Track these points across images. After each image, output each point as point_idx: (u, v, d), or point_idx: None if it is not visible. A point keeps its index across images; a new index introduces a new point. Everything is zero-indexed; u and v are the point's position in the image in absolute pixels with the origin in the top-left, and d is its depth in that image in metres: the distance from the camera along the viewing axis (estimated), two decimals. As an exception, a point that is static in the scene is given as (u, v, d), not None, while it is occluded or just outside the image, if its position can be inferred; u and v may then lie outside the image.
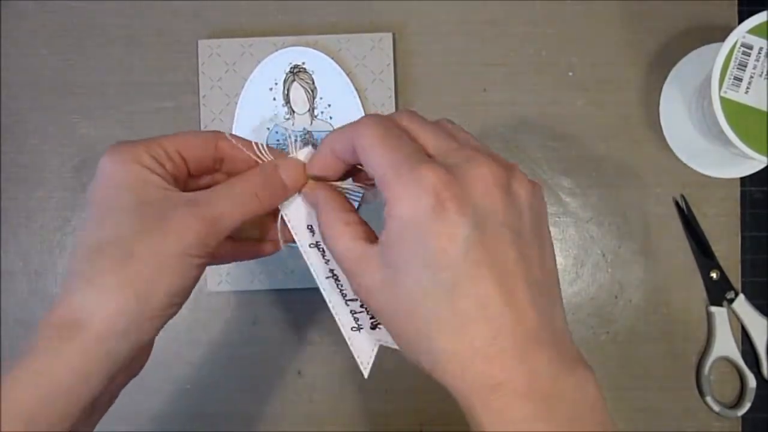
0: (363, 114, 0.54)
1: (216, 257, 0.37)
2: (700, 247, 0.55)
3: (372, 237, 0.33)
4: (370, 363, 0.38)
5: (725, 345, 0.54)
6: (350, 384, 0.55)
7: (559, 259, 0.56)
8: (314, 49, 0.55)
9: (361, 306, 0.37)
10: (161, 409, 0.56)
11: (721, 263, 0.55)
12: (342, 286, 0.38)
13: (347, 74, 0.55)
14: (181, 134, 0.36)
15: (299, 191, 0.37)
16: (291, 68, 0.55)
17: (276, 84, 0.55)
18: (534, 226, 0.32)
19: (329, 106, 0.55)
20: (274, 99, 0.55)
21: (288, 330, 0.56)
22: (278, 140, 0.55)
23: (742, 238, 0.55)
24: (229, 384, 0.56)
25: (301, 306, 0.56)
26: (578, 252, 0.56)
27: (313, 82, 0.55)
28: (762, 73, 0.47)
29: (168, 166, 0.35)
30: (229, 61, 0.55)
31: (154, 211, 0.33)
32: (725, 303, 0.55)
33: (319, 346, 0.56)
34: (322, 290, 0.38)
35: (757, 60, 0.47)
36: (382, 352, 0.52)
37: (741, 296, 0.55)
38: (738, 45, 0.47)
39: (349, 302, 0.38)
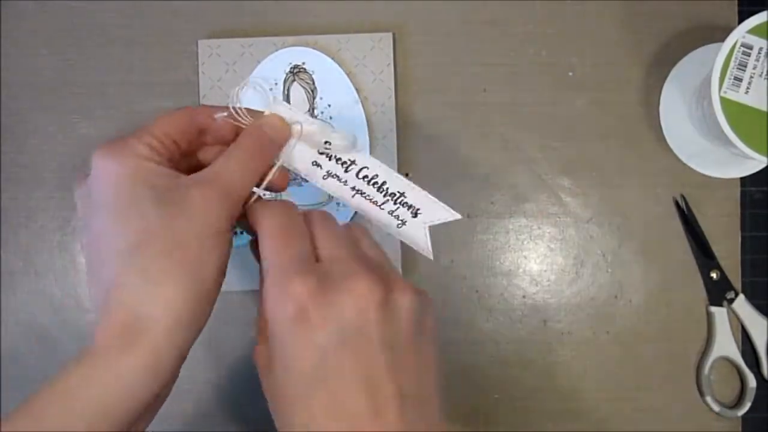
0: (362, 114, 0.54)
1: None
2: (700, 247, 0.55)
3: None
4: (429, 245, 0.39)
5: (725, 345, 0.54)
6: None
7: (559, 259, 0.56)
8: (314, 49, 0.55)
9: (395, 202, 0.40)
10: (161, 410, 0.56)
11: (721, 263, 0.55)
12: (369, 195, 0.40)
13: (347, 74, 0.55)
14: (160, 118, 0.36)
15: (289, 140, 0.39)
16: (291, 68, 0.55)
17: (276, 84, 0.55)
18: (413, 337, 0.33)
19: (329, 106, 0.55)
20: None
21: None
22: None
23: (742, 238, 0.55)
24: (229, 384, 0.56)
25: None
26: (578, 252, 0.56)
27: (313, 82, 0.55)
28: (762, 73, 0.47)
29: (162, 151, 0.35)
30: (229, 61, 0.55)
31: (170, 197, 0.33)
32: (725, 303, 0.55)
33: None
34: (354, 209, 0.40)
35: (757, 60, 0.47)
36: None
37: (741, 296, 0.55)
38: (738, 45, 0.47)
39: (383, 206, 0.40)
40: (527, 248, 0.56)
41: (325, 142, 0.39)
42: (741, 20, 0.48)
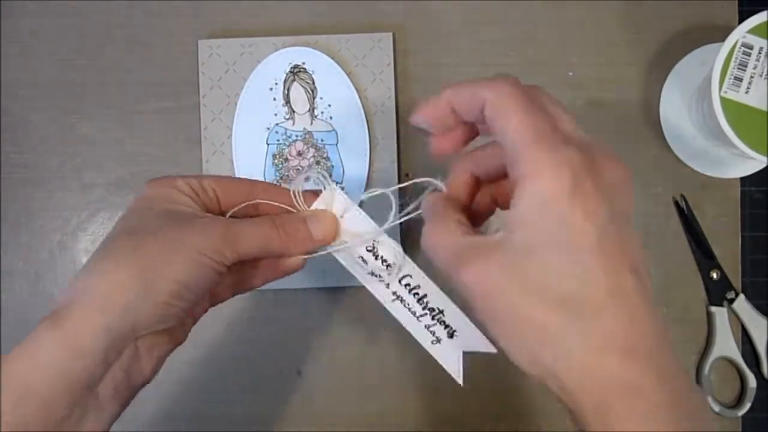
0: (363, 114, 0.54)
1: (238, 284, 0.40)
2: (700, 247, 0.55)
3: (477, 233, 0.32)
4: (460, 370, 0.39)
5: (725, 345, 0.54)
6: (350, 384, 0.55)
7: (559, 259, 0.56)
8: (314, 49, 0.55)
9: (433, 318, 0.39)
10: (161, 410, 0.56)
11: (721, 263, 0.55)
12: (408, 305, 0.39)
13: (347, 74, 0.55)
14: (221, 175, 0.39)
15: (331, 242, 0.39)
16: (291, 68, 0.55)
17: (276, 84, 0.55)
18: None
19: (329, 106, 0.55)
20: (274, 99, 0.55)
21: (288, 330, 0.56)
22: (278, 140, 0.55)
23: (742, 238, 0.55)
24: (229, 384, 0.56)
25: (301, 306, 0.56)
26: (578, 252, 0.56)
27: (313, 82, 0.55)
28: (762, 73, 0.47)
29: (202, 196, 0.37)
30: (229, 61, 0.55)
31: (179, 216, 0.35)
32: (725, 303, 0.55)
33: (319, 346, 0.56)
34: (392, 313, 0.39)
35: (758, 60, 0.47)
36: (381, 352, 0.52)
37: (741, 296, 0.54)
38: (738, 45, 0.47)
39: (420, 318, 0.39)
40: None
41: (374, 242, 0.39)
42: (741, 20, 0.48)
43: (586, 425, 0.29)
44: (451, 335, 0.39)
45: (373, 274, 0.39)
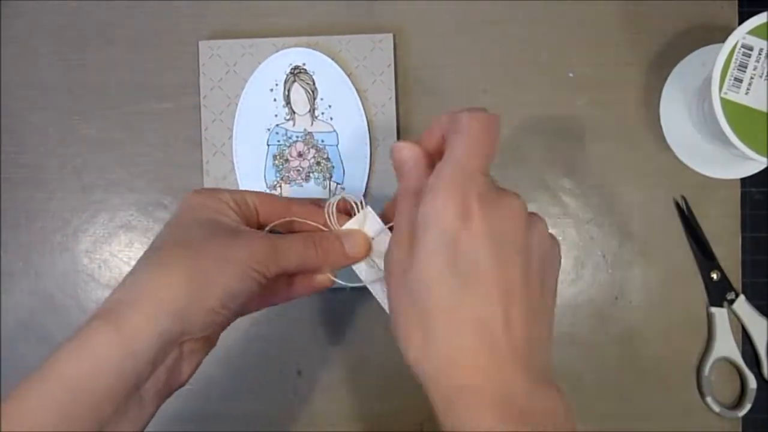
0: (363, 115, 0.54)
1: (271, 293, 0.42)
2: (700, 247, 0.55)
3: None
4: None
5: (725, 345, 0.54)
6: (350, 384, 0.55)
7: (559, 260, 0.56)
8: (315, 50, 0.55)
9: None
10: (161, 410, 0.56)
11: (722, 264, 0.55)
12: None
13: (348, 75, 0.55)
14: (264, 192, 0.42)
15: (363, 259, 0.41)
16: (291, 69, 0.55)
17: (276, 85, 0.55)
18: (541, 265, 0.35)
19: (330, 107, 0.55)
20: (275, 100, 0.55)
21: (288, 330, 0.56)
22: (278, 141, 0.55)
23: (743, 238, 0.55)
24: (229, 384, 0.56)
25: (301, 306, 0.56)
26: (578, 253, 0.56)
27: (314, 83, 0.55)
28: (762, 74, 0.47)
29: (243, 208, 0.39)
30: (229, 62, 0.55)
31: (224, 228, 0.37)
32: (725, 304, 0.55)
33: (319, 346, 0.56)
34: None
35: (758, 61, 0.47)
36: (382, 352, 0.52)
37: (741, 297, 0.55)
38: (738, 46, 0.47)
39: None
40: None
41: None
42: (741, 21, 0.48)
43: (436, 410, 0.33)
44: None
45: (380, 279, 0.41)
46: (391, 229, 0.40)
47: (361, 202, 0.41)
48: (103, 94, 0.57)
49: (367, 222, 0.41)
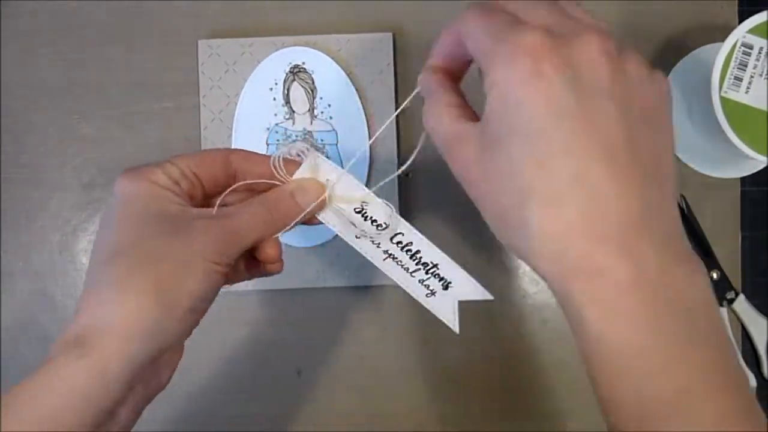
0: (363, 114, 0.54)
1: (232, 274, 0.38)
2: (700, 247, 0.55)
3: (475, 119, 0.32)
4: (456, 319, 0.39)
5: (725, 345, 0.54)
6: (350, 384, 0.55)
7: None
8: (314, 49, 0.55)
9: (426, 272, 0.39)
10: (161, 410, 0.56)
11: (721, 263, 0.55)
12: (401, 261, 0.39)
13: (347, 74, 0.55)
14: (190, 154, 0.37)
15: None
16: (291, 68, 0.55)
17: (276, 84, 0.55)
18: (648, 108, 0.30)
19: (329, 106, 0.55)
20: (274, 99, 0.55)
21: (288, 330, 0.56)
22: (278, 140, 0.55)
23: (742, 238, 0.55)
24: (229, 384, 0.56)
25: (301, 306, 0.56)
26: (578, 252, 0.56)
27: (313, 82, 0.55)
28: (762, 73, 0.47)
29: (183, 184, 0.36)
30: (229, 61, 0.55)
31: (173, 221, 0.34)
32: (725, 303, 0.55)
33: (319, 346, 0.56)
34: (385, 272, 0.39)
35: (758, 60, 0.47)
36: (381, 352, 0.52)
37: (741, 296, 0.54)
38: (738, 45, 0.47)
39: (413, 274, 0.39)
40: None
41: (363, 203, 0.39)
42: (741, 20, 0.48)
43: (564, 311, 0.29)
44: (446, 287, 0.39)
45: (363, 234, 0.39)
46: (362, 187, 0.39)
47: (307, 149, 0.39)
48: (103, 94, 0.57)
49: (321, 169, 0.38)
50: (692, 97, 0.54)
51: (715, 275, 0.55)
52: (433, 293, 0.39)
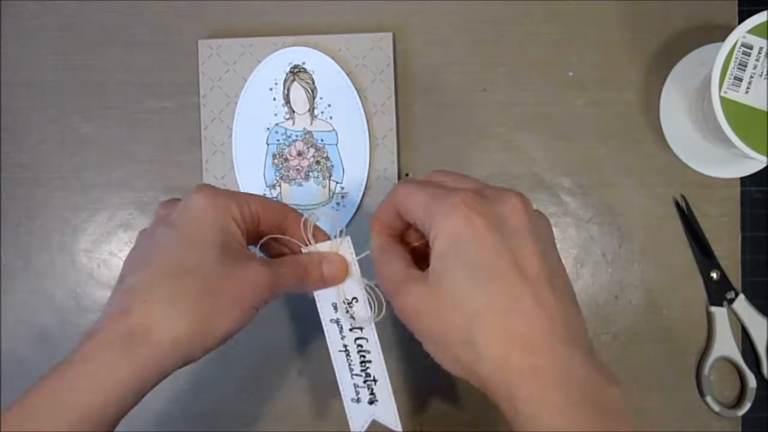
0: (363, 114, 0.54)
1: None
2: (700, 247, 0.55)
3: (420, 270, 0.38)
4: (362, 430, 0.44)
5: (725, 345, 0.54)
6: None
7: (559, 259, 0.56)
8: (314, 49, 0.55)
9: (364, 382, 0.44)
10: (161, 410, 0.56)
11: (721, 263, 0.55)
12: (351, 360, 0.44)
13: (347, 74, 0.55)
14: (260, 197, 0.42)
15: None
16: (291, 68, 0.55)
17: (276, 84, 0.55)
18: (551, 244, 0.37)
19: (329, 106, 0.55)
20: (274, 99, 0.55)
21: (288, 330, 0.56)
22: (278, 140, 0.55)
23: (742, 238, 0.55)
24: (229, 384, 0.56)
25: (301, 306, 0.56)
26: (578, 252, 0.56)
27: (313, 82, 0.55)
28: (762, 73, 0.47)
29: (248, 223, 0.40)
30: (229, 61, 0.55)
31: (234, 258, 0.38)
32: (725, 303, 0.55)
33: (319, 346, 0.56)
34: (333, 360, 0.44)
35: (758, 60, 0.47)
36: (381, 352, 0.52)
37: (741, 296, 0.54)
38: (738, 45, 0.47)
39: (354, 376, 0.44)
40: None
41: (353, 299, 0.44)
42: (741, 20, 0.48)
43: (503, 413, 0.34)
44: (371, 402, 0.44)
45: (336, 321, 0.44)
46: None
47: (341, 231, 0.43)
48: (103, 94, 0.57)
49: (342, 248, 0.43)
50: (692, 97, 0.54)
51: (714, 275, 0.55)
52: (357, 401, 0.44)
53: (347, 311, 0.44)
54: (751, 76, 0.47)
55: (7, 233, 0.57)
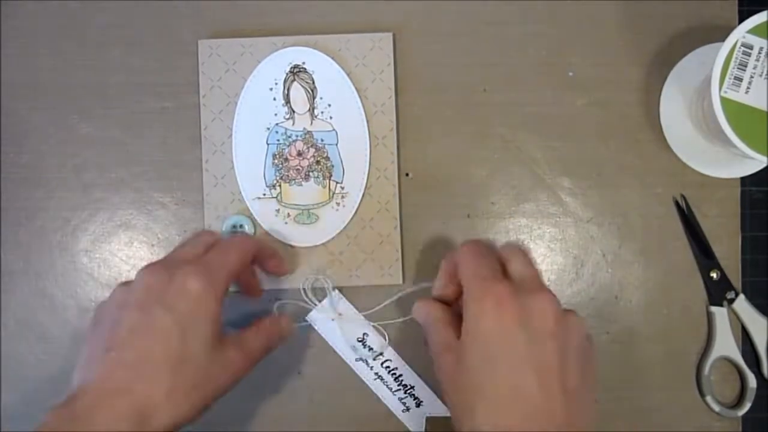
0: (363, 114, 0.54)
1: None
2: (700, 247, 0.55)
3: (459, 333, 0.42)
4: (423, 428, 0.53)
5: (725, 345, 0.54)
6: (350, 384, 0.55)
7: (559, 259, 0.56)
8: (314, 49, 0.55)
9: (405, 393, 0.54)
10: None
11: (721, 263, 0.55)
12: (386, 382, 0.54)
13: (347, 74, 0.55)
14: (237, 256, 0.47)
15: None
16: (291, 68, 0.55)
17: (276, 84, 0.55)
18: (579, 353, 0.40)
19: (329, 106, 0.55)
20: (274, 99, 0.55)
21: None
22: (278, 140, 0.55)
23: (742, 238, 0.55)
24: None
25: (302, 306, 0.56)
26: (578, 252, 0.56)
27: (313, 82, 0.55)
28: (762, 73, 0.47)
29: (229, 283, 0.46)
30: (229, 61, 0.55)
31: (218, 342, 0.43)
32: (725, 303, 0.55)
33: (319, 346, 0.56)
34: (373, 389, 0.54)
35: (758, 60, 0.47)
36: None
37: (741, 296, 0.54)
38: (738, 45, 0.47)
39: (395, 393, 0.54)
40: (527, 248, 0.56)
41: (364, 334, 0.54)
42: (741, 20, 0.48)
43: None
44: (418, 405, 0.54)
45: (361, 359, 0.54)
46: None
47: (332, 288, 0.54)
48: (103, 94, 0.57)
49: (338, 305, 0.54)
50: (692, 97, 0.54)
51: (714, 275, 0.55)
52: (407, 410, 0.54)
53: (364, 346, 0.54)
54: (751, 76, 0.47)
55: (7, 233, 0.57)
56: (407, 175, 0.56)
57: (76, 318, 0.56)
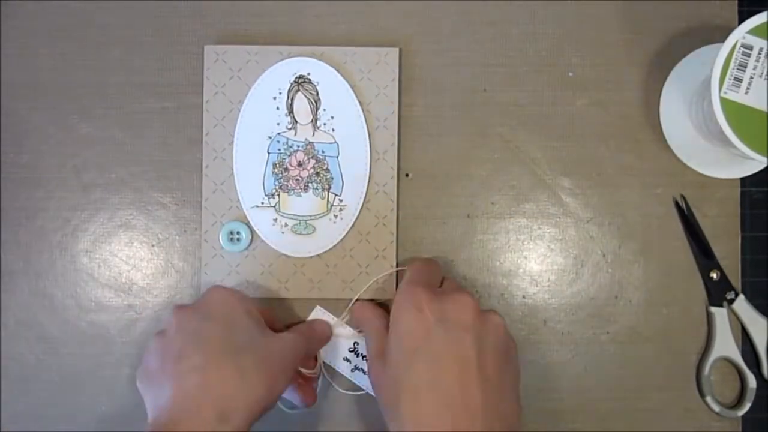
0: (365, 128, 0.54)
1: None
2: (700, 247, 0.55)
3: None
4: None
5: (725, 345, 0.54)
6: (350, 384, 0.55)
7: (559, 259, 0.56)
8: (320, 60, 0.54)
9: None
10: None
11: (721, 263, 0.55)
12: None
13: (352, 87, 0.54)
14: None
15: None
16: (296, 78, 0.55)
17: (280, 93, 0.55)
18: (498, 347, 0.44)
19: (332, 118, 0.54)
20: (278, 108, 0.55)
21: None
22: (279, 149, 0.54)
23: (742, 238, 0.55)
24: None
25: (303, 306, 0.56)
26: (578, 252, 0.56)
27: (317, 93, 0.55)
28: (762, 73, 0.47)
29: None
30: (234, 68, 0.55)
31: (269, 333, 0.46)
32: (725, 303, 0.55)
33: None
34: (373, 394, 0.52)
35: (757, 60, 0.47)
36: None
37: (741, 296, 0.55)
38: (738, 45, 0.47)
39: None
40: (527, 248, 0.56)
41: (355, 344, 0.54)
42: (741, 20, 0.48)
43: None
44: None
45: (357, 368, 0.54)
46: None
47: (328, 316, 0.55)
48: (103, 94, 0.57)
49: (326, 318, 0.55)
50: (692, 98, 0.54)
51: (714, 275, 0.55)
52: None
53: (357, 355, 0.54)
54: (751, 77, 0.47)
55: (7, 233, 0.57)
56: (407, 175, 0.56)
57: (76, 318, 0.56)
